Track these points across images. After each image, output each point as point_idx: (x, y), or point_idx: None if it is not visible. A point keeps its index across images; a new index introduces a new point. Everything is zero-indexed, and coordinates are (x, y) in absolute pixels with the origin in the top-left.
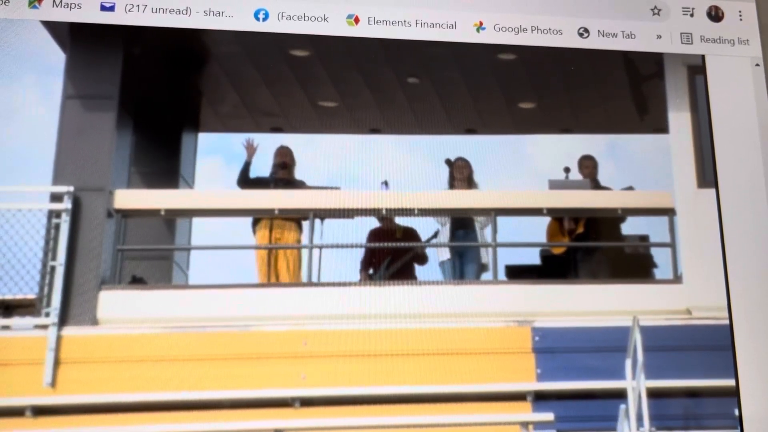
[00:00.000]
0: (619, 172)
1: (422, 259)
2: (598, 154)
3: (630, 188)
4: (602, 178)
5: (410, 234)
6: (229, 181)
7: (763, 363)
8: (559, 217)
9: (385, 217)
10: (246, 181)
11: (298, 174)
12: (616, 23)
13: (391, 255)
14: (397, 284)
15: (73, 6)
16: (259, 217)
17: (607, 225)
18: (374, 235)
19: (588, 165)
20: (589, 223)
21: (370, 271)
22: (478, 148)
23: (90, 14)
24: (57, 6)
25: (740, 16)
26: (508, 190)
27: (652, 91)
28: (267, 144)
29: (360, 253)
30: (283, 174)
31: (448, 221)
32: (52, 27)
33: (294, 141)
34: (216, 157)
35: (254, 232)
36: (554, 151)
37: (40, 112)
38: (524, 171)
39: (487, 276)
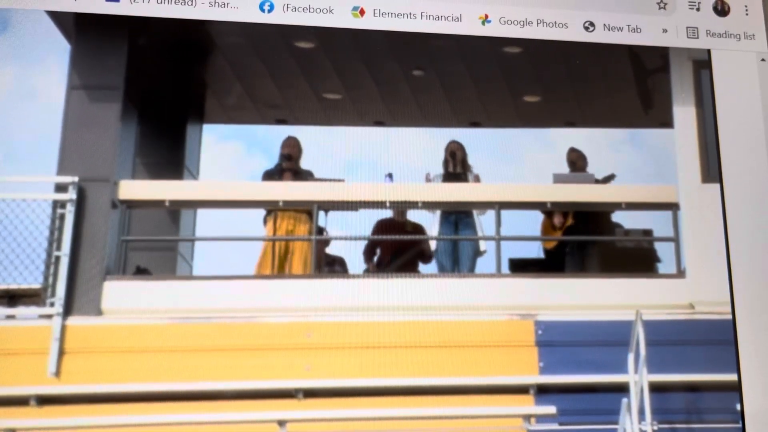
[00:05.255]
0: (624, 166)
1: (427, 258)
2: (603, 148)
3: (612, 176)
4: (607, 171)
5: (418, 230)
6: (248, 168)
7: (765, 358)
8: (549, 213)
9: (396, 209)
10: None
11: (303, 166)
12: (622, 17)
13: (398, 248)
14: (401, 277)
15: None
16: (271, 209)
17: (596, 215)
18: (383, 225)
19: (577, 157)
20: (578, 215)
21: (374, 260)
22: (482, 140)
23: (95, 4)
24: None
25: (746, 10)
26: (512, 183)
27: (658, 85)
28: (272, 135)
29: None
30: (289, 165)
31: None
32: (57, 17)
33: (298, 133)
34: (237, 143)
35: (265, 223)
36: (559, 145)
37: (44, 102)
38: (528, 164)
39: (487, 267)
